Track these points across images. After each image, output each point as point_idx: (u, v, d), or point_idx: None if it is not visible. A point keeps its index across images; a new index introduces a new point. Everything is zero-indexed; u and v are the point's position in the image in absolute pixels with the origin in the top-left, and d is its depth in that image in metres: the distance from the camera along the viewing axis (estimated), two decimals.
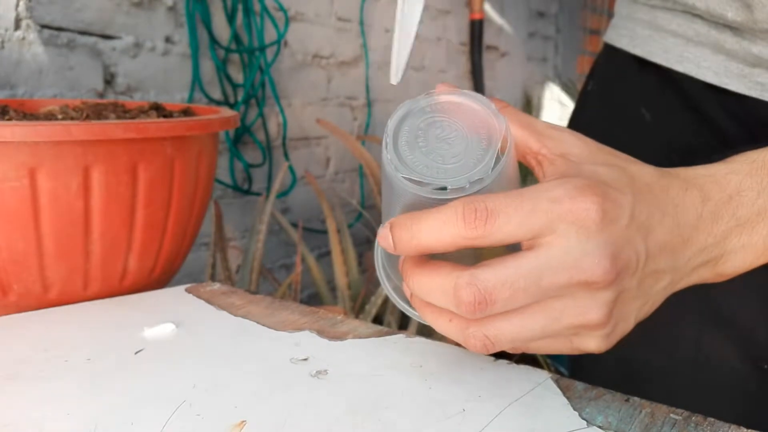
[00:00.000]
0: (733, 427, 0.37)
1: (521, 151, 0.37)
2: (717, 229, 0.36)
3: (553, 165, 0.35)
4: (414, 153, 0.34)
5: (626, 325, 0.36)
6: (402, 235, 0.33)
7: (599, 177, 0.34)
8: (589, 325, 0.33)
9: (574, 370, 0.64)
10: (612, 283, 0.32)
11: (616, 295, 0.33)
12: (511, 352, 0.36)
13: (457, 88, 0.37)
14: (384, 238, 0.34)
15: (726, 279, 0.39)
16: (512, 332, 0.33)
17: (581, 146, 0.36)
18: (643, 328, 0.41)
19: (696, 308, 0.54)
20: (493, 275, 0.32)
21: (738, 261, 0.38)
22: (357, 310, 1.29)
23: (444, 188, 0.33)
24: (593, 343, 0.35)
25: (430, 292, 0.34)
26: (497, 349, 0.35)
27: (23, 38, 1.01)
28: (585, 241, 0.32)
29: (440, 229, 0.32)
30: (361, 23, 1.77)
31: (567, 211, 0.32)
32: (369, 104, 1.83)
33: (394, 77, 0.39)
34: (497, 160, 0.33)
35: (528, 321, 0.33)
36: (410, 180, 0.33)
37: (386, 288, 0.42)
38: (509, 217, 0.31)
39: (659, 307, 0.38)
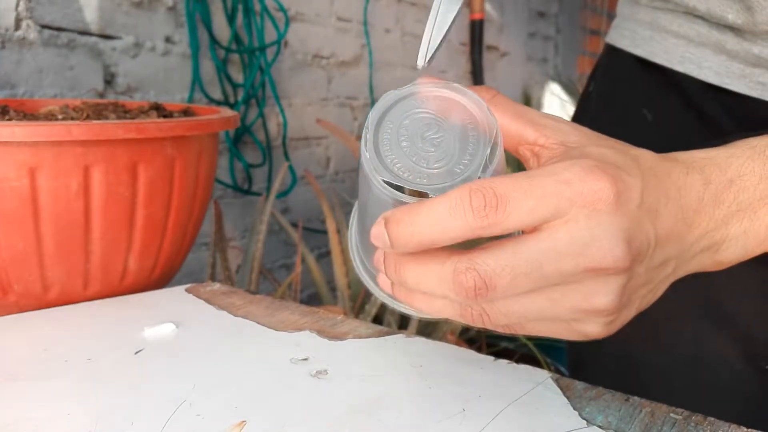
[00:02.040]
0: (733, 426, 0.37)
1: (514, 143, 0.35)
2: (718, 214, 0.35)
3: (553, 152, 0.33)
4: (396, 153, 0.32)
5: (629, 312, 0.34)
6: (400, 231, 0.30)
7: (606, 158, 0.32)
8: (594, 311, 0.32)
9: (573, 368, 0.64)
10: (626, 270, 0.31)
11: (627, 281, 0.32)
12: (504, 333, 0.35)
13: (444, 81, 0.34)
14: (378, 237, 0.31)
15: (725, 267, 0.38)
16: (510, 308, 0.32)
17: (579, 134, 0.34)
18: (642, 326, 0.40)
19: (696, 307, 0.55)
20: (493, 260, 0.30)
21: (739, 248, 0.36)
22: (357, 310, 1.29)
23: (425, 194, 0.31)
24: (595, 329, 0.33)
25: (425, 280, 0.32)
26: (492, 326, 0.33)
27: (23, 38, 1.01)
28: (595, 226, 0.30)
29: (446, 221, 0.29)
30: (365, 23, 1.77)
31: (578, 193, 0.30)
32: (372, 104, 1.83)
33: (421, 60, 0.35)
34: (485, 166, 0.31)
35: (527, 300, 0.31)
36: (389, 184, 0.31)
37: (366, 280, 0.39)
38: (519, 202, 0.29)
39: (659, 304, 0.37)
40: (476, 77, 2.31)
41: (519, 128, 0.34)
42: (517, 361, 0.45)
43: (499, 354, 0.45)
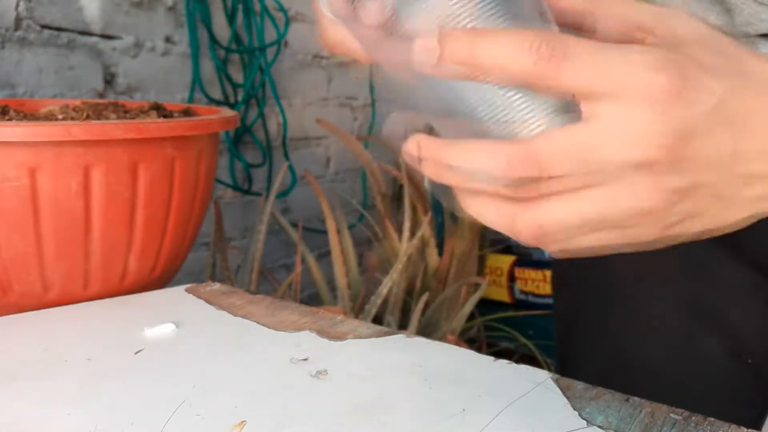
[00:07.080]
0: (733, 426, 0.37)
1: (625, 27, 0.32)
2: None
3: (656, 42, 0.31)
4: None
5: (694, 224, 0.31)
6: (457, 47, 0.28)
7: (695, 57, 0.29)
8: (642, 211, 0.30)
9: (563, 367, 0.64)
10: (675, 167, 0.29)
11: (687, 186, 0.29)
12: (556, 254, 0.32)
13: None
14: (425, 50, 0.28)
15: None
16: (565, 217, 0.30)
17: (692, 27, 0.31)
18: (633, 324, 0.40)
19: (686, 304, 0.55)
20: (545, 142, 0.29)
21: None
22: (357, 310, 1.29)
23: None
24: (650, 233, 0.31)
25: (477, 159, 0.29)
26: (547, 242, 0.31)
27: (23, 38, 1.01)
28: (649, 118, 0.28)
29: (508, 54, 0.28)
30: None
31: (640, 79, 0.28)
32: (373, 103, 1.83)
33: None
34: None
35: (583, 204, 0.30)
36: None
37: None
38: (584, 64, 0.28)
39: (652, 304, 0.37)
40: None
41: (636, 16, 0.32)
42: (517, 361, 0.45)
43: (499, 354, 0.45)
